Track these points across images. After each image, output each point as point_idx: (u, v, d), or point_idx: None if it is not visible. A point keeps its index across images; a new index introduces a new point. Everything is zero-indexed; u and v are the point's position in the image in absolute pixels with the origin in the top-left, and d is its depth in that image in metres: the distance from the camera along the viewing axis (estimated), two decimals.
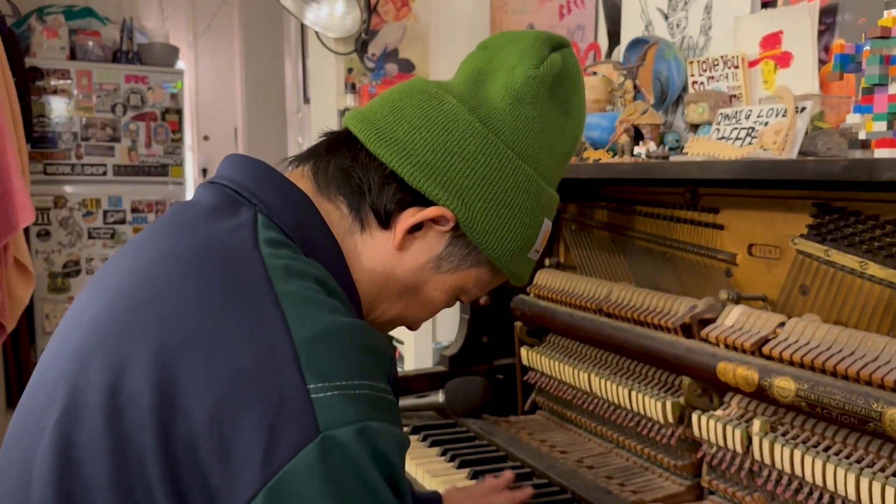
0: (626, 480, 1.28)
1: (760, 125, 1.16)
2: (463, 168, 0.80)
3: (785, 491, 1.06)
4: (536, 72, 0.83)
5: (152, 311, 0.66)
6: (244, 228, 0.72)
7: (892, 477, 0.94)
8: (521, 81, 0.83)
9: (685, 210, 1.38)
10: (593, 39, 1.89)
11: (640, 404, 1.30)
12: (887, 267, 1.05)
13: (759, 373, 1.09)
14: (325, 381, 0.61)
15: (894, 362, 0.96)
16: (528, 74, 0.83)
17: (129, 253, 0.77)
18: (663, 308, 1.30)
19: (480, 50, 0.90)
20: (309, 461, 0.58)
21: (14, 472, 0.68)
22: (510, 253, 0.86)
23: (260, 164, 0.81)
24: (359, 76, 2.59)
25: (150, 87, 4.22)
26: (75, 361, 0.66)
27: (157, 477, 0.60)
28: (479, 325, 1.74)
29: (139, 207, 4.26)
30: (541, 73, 0.83)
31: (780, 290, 1.22)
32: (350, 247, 0.81)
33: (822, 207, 1.14)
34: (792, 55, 1.28)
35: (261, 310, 0.64)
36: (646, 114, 1.33)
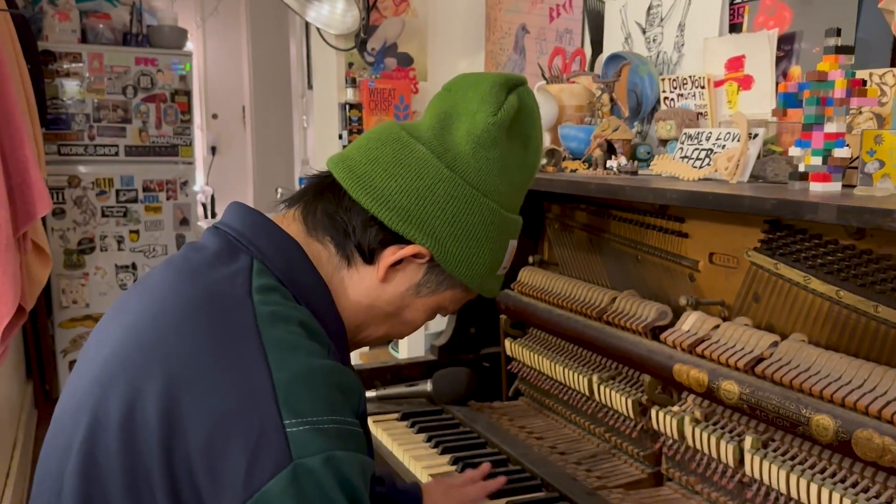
0: (593, 466, 1.41)
1: (718, 148, 1.26)
2: (434, 210, 0.92)
3: (728, 482, 1.18)
4: (495, 118, 0.94)
5: (159, 351, 0.78)
6: (240, 275, 0.84)
7: (817, 474, 1.05)
8: (482, 128, 0.93)
9: (655, 217, 1.49)
10: (580, 45, 1.98)
11: (608, 397, 1.42)
12: (827, 283, 1.16)
13: (709, 376, 1.20)
14: (298, 416, 0.73)
15: (824, 373, 1.07)
16: (487, 121, 0.93)
17: (142, 292, 0.89)
18: (630, 311, 1.42)
19: (445, 92, 1.00)
20: (282, 484, 0.70)
21: (49, 480, 0.81)
22: (480, 276, 0.98)
23: (258, 215, 0.93)
24: (359, 70, 2.68)
25: (160, 69, 4.31)
26: (97, 390, 0.79)
27: (161, 490, 0.73)
28: (468, 317, 1.85)
29: (150, 186, 4.39)
30: (499, 119, 0.94)
31: (736, 296, 1.33)
32: (338, 282, 0.93)
33: (773, 224, 1.25)
34: (753, 78, 1.37)
35: (247, 355, 0.76)
36: (617, 130, 1.43)
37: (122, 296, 0.95)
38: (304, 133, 4.33)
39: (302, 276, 0.89)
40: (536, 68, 2.10)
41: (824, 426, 1.02)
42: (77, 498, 0.76)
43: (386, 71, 2.63)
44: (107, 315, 0.93)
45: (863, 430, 0.97)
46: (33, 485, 0.88)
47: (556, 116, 1.72)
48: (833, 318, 1.16)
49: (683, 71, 1.54)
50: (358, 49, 2.60)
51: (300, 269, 0.89)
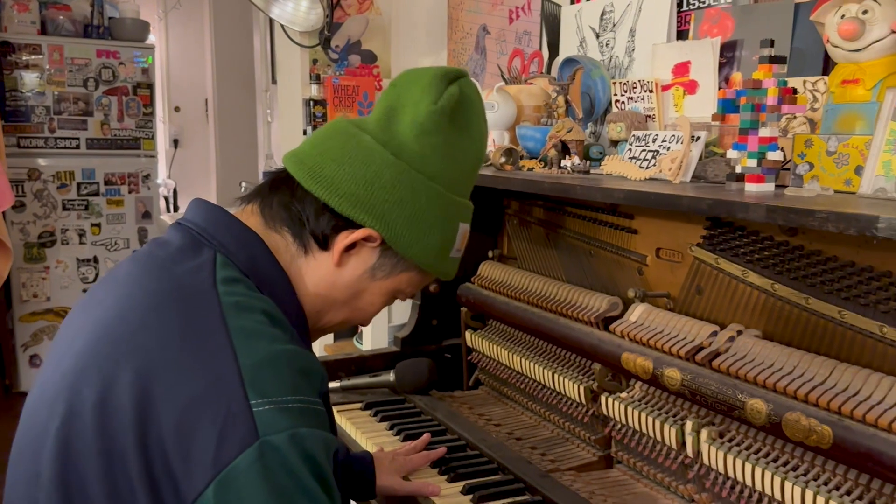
0: (547, 450, 1.48)
1: (663, 150, 1.34)
2: (382, 194, 0.97)
3: (672, 463, 1.27)
4: (435, 106, 0.99)
5: (129, 343, 0.83)
6: (203, 269, 0.89)
7: (751, 454, 1.14)
8: (424, 115, 0.99)
9: (606, 214, 1.57)
10: (538, 47, 2.05)
11: (561, 385, 1.49)
12: (763, 276, 1.25)
13: (654, 364, 1.28)
14: (264, 397, 0.79)
15: (758, 361, 1.15)
16: (429, 109, 0.99)
17: (109, 288, 0.94)
18: (582, 303, 1.49)
19: (391, 87, 1.06)
20: (249, 460, 0.75)
21: (25, 466, 0.86)
22: (433, 257, 1.04)
23: (219, 210, 0.98)
24: (323, 67, 2.72)
25: (122, 61, 4.29)
26: (70, 380, 0.83)
27: (136, 470, 0.77)
28: (430, 309, 1.91)
29: (112, 180, 4.36)
30: (439, 107, 1.00)
31: (681, 289, 1.41)
32: (296, 270, 0.98)
33: (714, 222, 1.33)
34: (698, 83, 1.45)
35: (214, 344, 0.81)
36: (571, 131, 1.50)
37: (89, 291, 0.99)
38: (269, 127, 4.34)
39: (263, 266, 0.94)
40: (497, 69, 2.16)
41: (758, 410, 1.10)
42: (55, 482, 0.81)
43: (350, 68, 2.68)
44: (75, 309, 0.97)
45: (792, 413, 1.06)
46: (7, 474, 0.92)
47: (515, 116, 1.79)
48: (768, 309, 1.24)
49: (634, 75, 1.62)
50: (322, 46, 2.64)
51: (261, 260, 0.95)
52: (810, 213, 0.93)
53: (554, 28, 1.94)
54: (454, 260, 1.07)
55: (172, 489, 0.76)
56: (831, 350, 1.12)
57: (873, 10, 1.15)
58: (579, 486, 1.33)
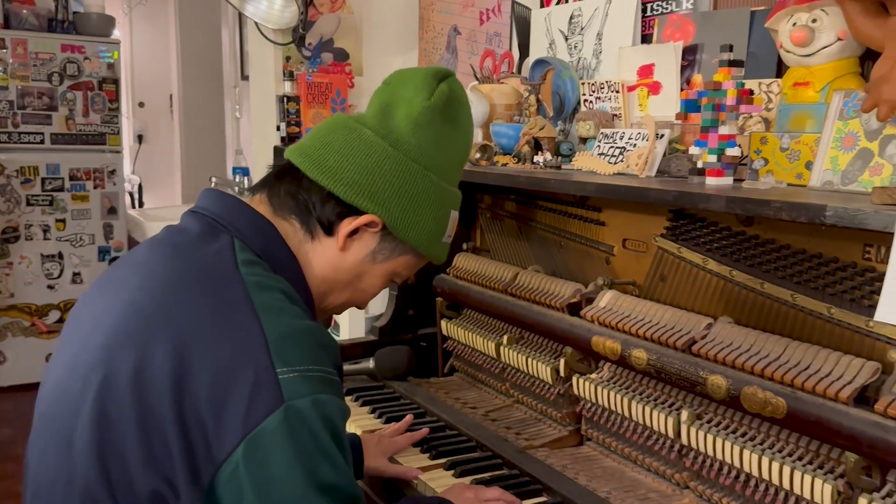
0: (521, 430, 1.57)
1: (630, 146, 1.43)
2: (382, 183, 1.05)
3: (638, 438, 1.36)
4: (429, 102, 1.08)
5: (162, 319, 0.89)
6: (225, 252, 0.96)
7: (713, 427, 1.24)
8: (419, 111, 1.07)
9: (576, 207, 1.66)
10: (508, 48, 2.13)
11: (534, 368, 1.58)
12: (722, 264, 1.35)
13: (622, 345, 1.38)
14: (288, 366, 0.86)
15: (718, 340, 1.25)
16: (423, 105, 1.07)
17: (131, 271, 0.99)
18: (553, 290, 1.58)
19: (385, 85, 1.14)
20: (276, 422, 0.83)
21: (56, 437, 0.91)
22: (428, 241, 1.12)
23: (233, 199, 1.04)
24: (296, 64, 2.77)
25: (87, 56, 4.27)
26: (104, 354, 0.89)
27: (173, 434, 0.84)
28: (406, 300, 1.98)
29: (77, 175, 4.34)
30: (432, 103, 1.08)
31: (646, 276, 1.51)
32: (304, 255, 1.05)
33: (676, 213, 1.43)
34: (661, 85, 1.55)
35: (243, 317, 0.89)
36: (543, 129, 1.58)
37: (104, 275, 1.05)
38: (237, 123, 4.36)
39: (276, 251, 1.01)
40: (468, 68, 2.24)
41: (718, 385, 1.20)
42: (91, 448, 0.87)
43: (322, 65, 2.73)
44: (91, 293, 1.03)
45: (749, 387, 1.16)
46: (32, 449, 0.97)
47: (488, 114, 1.87)
48: (727, 294, 1.34)
49: (601, 76, 1.71)
50: (296, 44, 2.69)
51: (274, 245, 1.02)
52: (766, 204, 1.03)
53: (524, 30, 2.02)
54: (445, 245, 1.15)
55: (205, 450, 0.83)
56: (784, 330, 1.23)
57: (822, 18, 1.26)
58: (553, 461, 1.42)
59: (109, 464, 0.86)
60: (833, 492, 1.06)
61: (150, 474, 0.85)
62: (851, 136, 1.14)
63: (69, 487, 0.89)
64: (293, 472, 0.83)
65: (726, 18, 1.48)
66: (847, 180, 1.13)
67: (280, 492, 0.83)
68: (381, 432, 1.48)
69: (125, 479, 0.86)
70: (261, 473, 0.82)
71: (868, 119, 1.12)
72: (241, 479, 0.82)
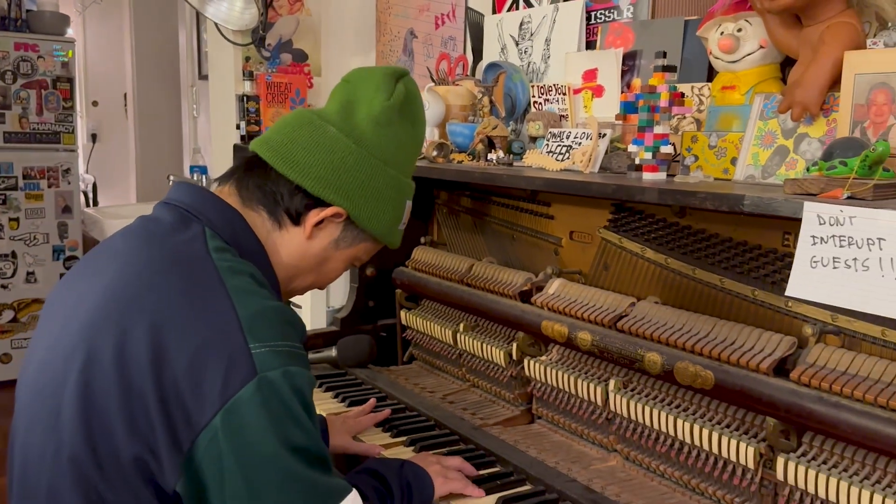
0: (477, 410, 1.68)
1: (575, 145, 1.55)
2: (347, 177, 1.14)
3: (584, 413, 1.48)
4: (388, 102, 1.17)
5: (140, 301, 0.97)
6: (197, 240, 1.04)
7: (650, 400, 1.35)
8: (379, 110, 1.17)
9: (527, 202, 1.77)
10: (462, 51, 2.24)
11: (489, 353, 1.68)
12: (658, 252, 1.47)
13: (569, 328, 1.49)
14: (260, 342, 0.94)
15: (654, 321, 1.37)
16: (383, 105, 1.17)
17: (108, 259, 1.06)
18: (506, 280, 1.69)
19: (345, 83, 1.23)
20: (250, 392, 0.91)
21: (42, 411, 0.98)
22: (386, 229, 1.22)
23: (203, 190, 1.12)
24: (256, 64, 2.83)
25: (41, 55, 4.24)
26: (86, 334, 0.96)
27: (153, 406, 0.92)
28: (367, 292, 2.07)
29: (31, 174, 4.31)
30: (391, 103, 1.18)
31: (591, 265, 1.62)
32: (272, 242, 1.14)
33: (617, 207, 1.55)
34: (604, 88, 1.67)
35: (216, 299, 0.97)
36: (496, 128, 1.69)
37: (80, 264, 1.12)
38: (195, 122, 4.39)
39: (244, 239, 1.10)
40: (425, 70, 2.34)
41: (654, 361, 1.32)
42: (77, 419, 0.94)
43: (282, 66, 2.80)
44: (71, 277, 1.11)
45: (681, 362, 1.28)
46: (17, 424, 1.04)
47: (444, 114, 1.97)
48: (662, 279, 1.47)
49: (549, 79, 1.82)
50: (256, 45, 2.76)
51: (242, 233, 1.10)
52: (692, 195, 1.15)
53: (477, 35, 2.13)
54: (400, 232, 1.25)
55: (185, 420, 0.91)
56: (713, 311, 1.35)
57: (746, 28, 1.39)
58: (505, 436, 1.53)
59: (94, 434, 0.94)
60: (756, 453, 1.18)
61: (133, 443, 0.92)
62: (770, 135, 1.26)
63: (57, 457, 0.96)
64: (267, 436, 0.92)
65: (662, 27, 1.61)
66: (766, 174, 1.26)
67: (256, 454, 0.91)
68: (346, 414, 1.57)
69: (110, 448, 0.93)
70: (238, 438, 0.91)
71: (785, 119, 1.25)
72: (220, 444, 0.91)
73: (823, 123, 1.20)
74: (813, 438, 1.14)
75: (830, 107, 1.19)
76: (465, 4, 2.24)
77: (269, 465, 0.91)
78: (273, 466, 0.92)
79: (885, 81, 1.09)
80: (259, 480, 0.91)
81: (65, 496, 0.94)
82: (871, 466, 1.08)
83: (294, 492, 0.93)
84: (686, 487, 1.32)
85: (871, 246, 0.93)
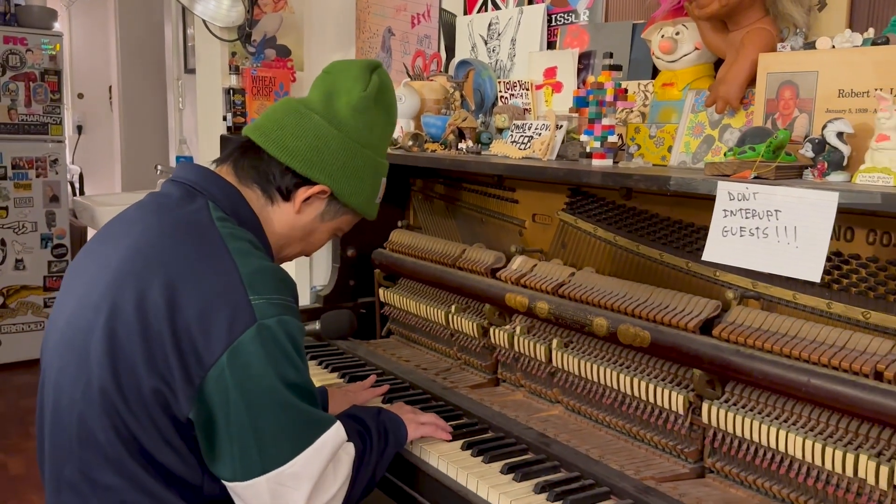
0: (448, 377, 1.85)
1: (536, 135, 1.72)
2: (330, 159, 1.31)
3: (540, 373, 1.66)
4: (365, 92, 1.34)
5: (157, 259, 1.14)
6: (202, 211, 1.21)
7: (597, 359, 1.54)
8: (357, 99, 1.33)
9: (494, 188, 1.95)
10: (437, 49, 2.41)
11: (459, 324, 1.86)
12: (608, 231, 1.65)
13: (529, 299, 1.67)
14: (258, 294, 1.12)
15: (602, 290, 1.55)
16: (360, 95, 1.34)
17: (126, 227, 1.23)
18: (474, 257, 1.87)
19: (326, 74, 1.39)
20: (251, 335, 1.09)
21: (75, 350, 1.15)
22: (364, 203, 1.39)
23: (206, 169, 1.29)
24: (241, 59, 2.98)
25: (29, 48, 4.36)
26: (112, 289, 1.13)
27: (169, 346, 1.09)
28: (348, 271, 2.24)
29: (20, 164, 4.44)
30: (368, 93, 1.34)
31: (551, 244, 1.80)
32: (266, 215, 1.31)
33: (574, 191, 1.73)
34: (562, 84, 1.85)
35: (221, 259, 1.14)
36: (465, 120, 1.87)
37: (100, 232, 1.29)
38: (181, 114, 4.53)
39: (242, 212, 1.27)
40: (402, 66, 2.51)
41: (600, 324, 1.50)
42: (106, 358, 1.11)
43: (266, 61, 2.95)
44: (92, 244, 1.27)
45: (623, 325, 1.46)
46: (48, 370, 1.21)
47: (419, 107, 2.14)
48: (612, 255, 1.65)
49: (514, 76, 2.00)
50: (241, 41, 2.91)
51: (240, 207, 1.27)
52: (628, 177, 1.33)
53: (450, 34, 2.30)
54: (377, 205, 1.43)
55: (196, 359, 1.08)
56: (655, 281, 1.53)
57: (683, 32, 1.57)
58: (473, 396, 1.71)
59: (120, 370, 1.11)
60: (685, 401, 1.37)
61: (152, 377, 1.10)
62: (700, 126, 1.45)
63: (88, 390, 1.13)
64: (266, 372, 1.09)
65: (614, 30, 1.79)
66: (696, 160, 1.44)
67: (256, 386, 1.09)
68: (347, 388, 1.73)
69: (133, 382, 1.10)
70: (242, 373, 1.09)
71: (711, 112, 1.44)
72: (227, 379, 1.08)
73: (743, 115, 1.39)
74: (734, 387, 1.33)
75: (749, 101, 1.37)
76: (438, 5, 2.41)
77: (266, 395, 1.09)
78: (270, 397, 1.09)
79: (790, 79, 1.28)
80: (258, 408, 1.09)
81: (94, 423, 1.12)
82: (780, 408, 1.27)
83: (287, 418, 1.11)
84: (628, 435, 1.50)
85: (770, 217, 1.12)
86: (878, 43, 1.18)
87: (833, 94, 1.22)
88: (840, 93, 1.21)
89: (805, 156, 1.19)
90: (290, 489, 1.12)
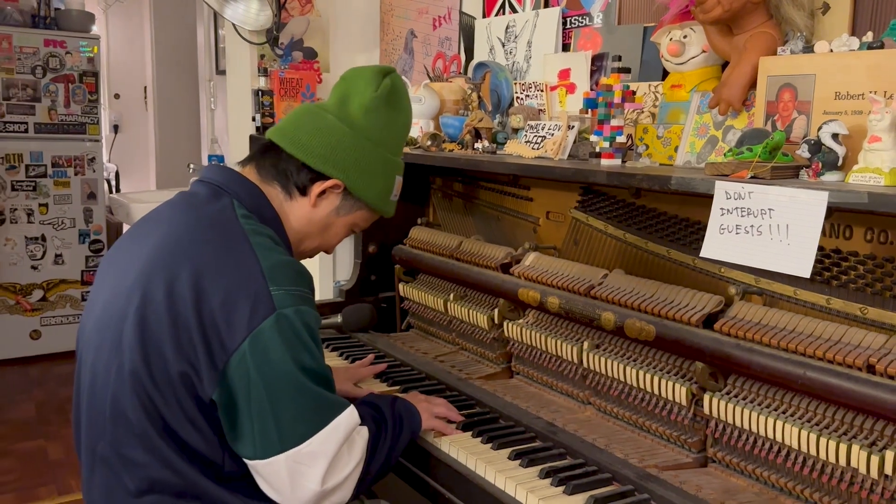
0: (463, 368, 1.92)
1: (548, 135, 1.78)
2: (344, 155, 1.39)
3: (553, 366, 1.71)
4: (376, 93, 1.42)
5: (185, 253, 1.22)
6: (227, 209, 1.29)
7: (605, 353, 1.59)
8: (369, 99, 1.41)
9: (510, 186, 2.00)
10: (457, 51, 2.47)
11: (475, 318, 1.92)
12: (619, 229, 1.70)
13: (541, 294, 1.73)
14: (278, 286, 1.20)
15: (611, 286, 1.61)
16: (372, 95, 1.41)
17: (157, 224, 1.32)
18: (490, 254, 1.93)
19: (343, 81, 1.47)
20: (271, 323, 1.17)
21: (109, 335, 1.24)
22: (379, 200, 1.47)
23: (230, 170, 1.37)
24: (270, 61, 3.08)
25: (68, 51, 4.52)
26: (143, 279, 1.22)
27: (195, 332, 1.17)
28: (369, 267, 2.31)
29: (59, 162, 4.59)
30: (379, 94, 1.42)
31: (563, 241, 1.86)
32: (285, 211, 1.39)
33: (585, 190, 1.78)
34: (576, 85, 1.90)
35: (244, 252, 1.22)
36: (482, 121, 1.93)
37: (133, 228, 1.38)
38: (212, 114, 4.65)
39: (264, 210, 1.35)
40: (423, 67, 2.58)
41: (608, 319, 1.56)
42: (137, 342, 1.19)
43: (293, 63, 3.04)
44: (125, 240, 1.37)
45: (630, 319, 1.51)
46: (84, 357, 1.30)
47: (439, 108, 2.21)
48: (621, 252, 1.70)
49: (530, 77, 2.06)
50: (269, 43, 3.00)
51: (262, 205, 1.35)
52: (632, 176, 1.38)
53: (469, 36, 2.37)
54: (393, 202, 1.50)
55: (220, 344, 1.17)
56: (662, 277, 1.58)
57: (691, 35, 1.61)
58: (487, 387, 1.77)
59: (150, 354, 1.19)
60: (688, 393, 1.42)
61: (179, 361, 1.18)
62: (704, 127, 1.50)
63: (120, 372, 1.22)
64: (285, 357, 1.17)
65: (626, 32, 1.84)
66: (700, 160, 1.49)
67: (275, 371, 1.17)
68: (349, 367, 1.82)
69: (161, 365, 1.19)
70: (262, 358, 1.17)
71: (715, 113, 1.48)
72: (248, 363, 1.16)
73: (745, 117, 1.43)
74: (736, 380, 1.37)
75: (750, 103, 1.42)
76: (459, 8, 2.47)
77: (284, 379, 1.17)
78: (288, 381, 1.17)
79: (789, 82, 1.32)
80: (277, 391, 1.17)
81: (125, 402, 1.20)
82: (779, 400, 1.31)
83: (303, 401, 1.19)
84: (633, 425, 1.56)
85: (764, 215, 1.16)
86: (874, 47, 1.22)
87: (830, 97, 1.26)
88: (837, 95, 1.25)
89: (801, 156, 1.24)
90: (307, 467, 1.19)
